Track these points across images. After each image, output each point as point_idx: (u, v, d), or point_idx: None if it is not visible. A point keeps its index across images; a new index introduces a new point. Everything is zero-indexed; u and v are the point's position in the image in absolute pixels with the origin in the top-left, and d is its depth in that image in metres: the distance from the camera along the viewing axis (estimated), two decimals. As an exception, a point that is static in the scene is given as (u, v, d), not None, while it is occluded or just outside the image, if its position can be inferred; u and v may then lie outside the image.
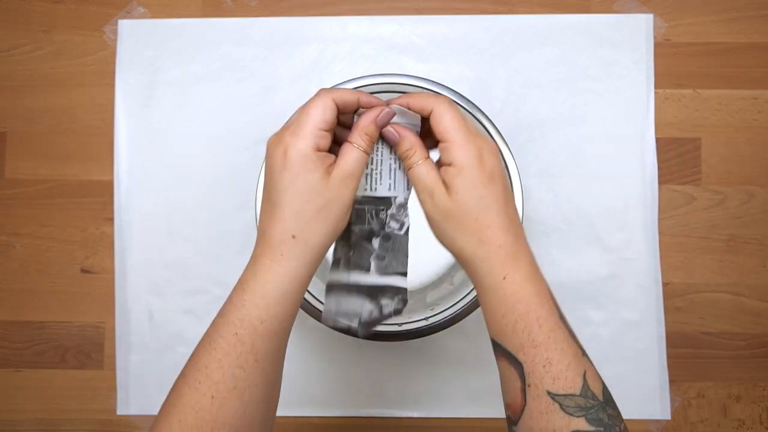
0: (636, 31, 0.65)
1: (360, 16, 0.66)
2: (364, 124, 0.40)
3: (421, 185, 0.39)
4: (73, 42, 0.67)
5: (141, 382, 0.65)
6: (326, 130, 0.38)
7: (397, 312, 0.46)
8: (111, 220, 0.65)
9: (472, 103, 0.56)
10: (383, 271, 0.46)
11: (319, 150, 0.38)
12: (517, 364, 0.37)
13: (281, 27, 0.66)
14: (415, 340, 0.59)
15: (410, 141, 0.40)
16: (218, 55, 0.66)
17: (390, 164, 0.45)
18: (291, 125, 0.38)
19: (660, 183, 0.64)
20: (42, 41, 0.67)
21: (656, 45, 0.65)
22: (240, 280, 0.39)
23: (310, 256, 0.38)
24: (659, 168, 0.64)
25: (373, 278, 0.46)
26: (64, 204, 0.66)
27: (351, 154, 0.39)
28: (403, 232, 0.46)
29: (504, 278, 0.38)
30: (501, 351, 0.38)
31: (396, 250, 0.46)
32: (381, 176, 0.45)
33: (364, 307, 0.45)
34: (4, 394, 0.65)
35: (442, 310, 0.56)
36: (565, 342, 0.37)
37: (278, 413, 0.64)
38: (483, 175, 0.38)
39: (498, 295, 0.38)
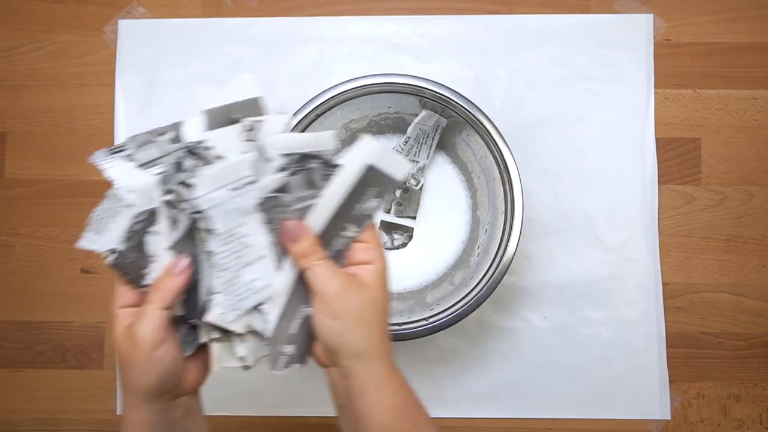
0: (636, 31, 0.65)
1: (360, 16, 0.66)
2: (158, 282, 0.40)
3: (330, 278, 0.40)
4: (73, 42, 0.67)
5: (141, 382, 0.65)
6: (125, 306, 0.41)
7: (404, 245, 0.64)
8: (111, 220, 0.65)
9: (472, 103, 0.56)
10: (399, 214, 0.63)
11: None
12: None
13: (281, 27, 0.66)
14: (415, 340, 0.59)
15: (307, 240, 0.40)
16: (218, 55, 0.66)
17: (420, 142, 0.60)
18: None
19: (660, 183, 0.64)
20: (42, 41, 0.67)
21: (656, 45, 0.65)
22: None
23: (129, 404, 0.40)
24: (659, 168, 0.64)
25: (390, 218, 0.63)
26: (65, 204, 0.66)
27: (144, 312, 0.39)
28: (418, 188, 0.62)
29: (393, 371, 0.40)
30: None
31: (411, 200, 0.62)
32: (412, 149, 0.61)
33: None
34: (4, 394, 0.65)
35: (442, 310, 0.56)
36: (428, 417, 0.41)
37: (278, 413, 0.64)
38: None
39: (389, 386, 0.40)
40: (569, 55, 0.65)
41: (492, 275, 0.54)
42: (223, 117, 0.41)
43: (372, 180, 0.41)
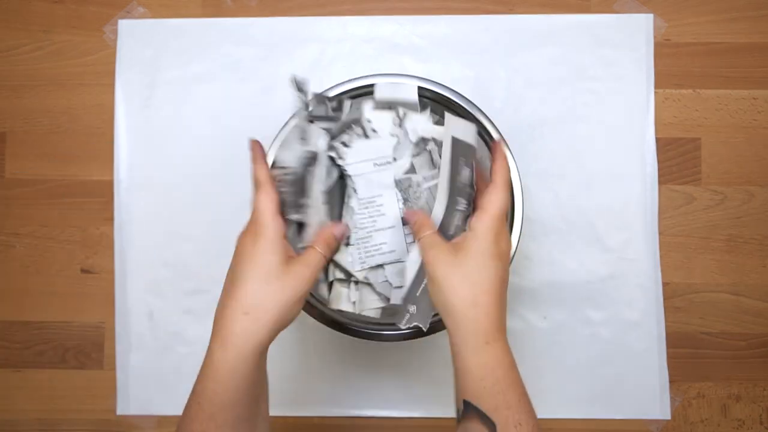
0: (636, 31, 0.65)
1: (360, 16, 0.66)
2: (327, 236, 0.46)
3: (429, 246, 0.44)
4: (73, 42, 0.67)
5: (141, 382, 0.65)
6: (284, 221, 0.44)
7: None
8: (111, 220, 0.65)
9: (472, 103, 0.56)
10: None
11: (284, 238, 0.43)
12: (490, 424, 0.39)
13: (281, 27, 0.66)
14: (415, 340, 0.59)
15: (419, 218, 0.46)
16: (218, 55, 0.66)
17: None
18: (256, 220, 0.43)
19: (660, 183, 0.64)
20: (42, 41, 0.67)
21: (656, 45, 0.65)
22: (207, 348, 0.42)
23: (258, 334, 0.41)
24: (659, 168, 0.64)
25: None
26: (64, 204, 0.66)
27: (313, 255, 0.44)
28: None
29: (487, 343, 0.41)
30: (474, 411, 0.40)
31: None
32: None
33: None
34: (4, 394, 0.65)
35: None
36: (531, 406, 0.41)
37: (278, 413, 0.64)
38: (496, 247, 0.42)
39: (481, 357, 0.40)
40: (569, 55, 0.65)
41: None
42: (386, 105, 0.52)
43: (459, 150, 0.48)
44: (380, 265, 0.50)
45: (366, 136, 0.51)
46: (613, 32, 0.65)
